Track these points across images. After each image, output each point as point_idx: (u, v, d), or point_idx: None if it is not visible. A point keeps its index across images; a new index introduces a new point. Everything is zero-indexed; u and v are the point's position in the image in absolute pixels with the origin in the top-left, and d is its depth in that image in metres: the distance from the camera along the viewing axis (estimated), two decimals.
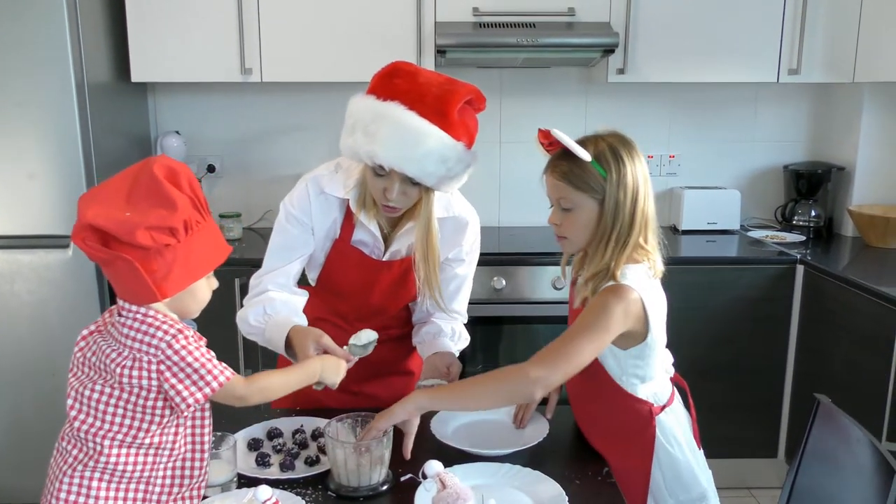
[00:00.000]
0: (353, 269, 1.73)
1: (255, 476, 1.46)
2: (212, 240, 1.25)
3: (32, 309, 2.75)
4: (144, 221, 1.15)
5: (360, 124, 1.49)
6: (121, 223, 1.15)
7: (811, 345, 2.85)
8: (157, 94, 3.34)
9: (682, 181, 3.46)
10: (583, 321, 1.43)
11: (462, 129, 1.51)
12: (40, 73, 2.61)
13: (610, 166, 1.44)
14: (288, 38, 2.95)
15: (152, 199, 1.18)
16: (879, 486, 1.34)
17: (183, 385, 1.21)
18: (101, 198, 1.20)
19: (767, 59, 3.03)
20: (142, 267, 1.17)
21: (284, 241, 1.70)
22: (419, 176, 1.50)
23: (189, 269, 1.22)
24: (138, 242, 1.16)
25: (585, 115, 3.39)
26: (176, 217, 1.18)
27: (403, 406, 1.43)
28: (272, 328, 1.64)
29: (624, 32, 2.96)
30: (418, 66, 1.55)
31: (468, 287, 1.83)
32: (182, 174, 1.22)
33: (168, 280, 1.20)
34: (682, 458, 1.54)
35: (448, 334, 1.79)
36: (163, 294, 1.20)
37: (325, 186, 1.67)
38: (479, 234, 1.80)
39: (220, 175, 3.39)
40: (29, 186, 2.68)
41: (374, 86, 1.52)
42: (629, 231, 1.46)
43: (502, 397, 1.47)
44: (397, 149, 1.46)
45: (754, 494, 3.04)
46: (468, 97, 1.52)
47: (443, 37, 2.87)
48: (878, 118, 3.17)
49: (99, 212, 1.17)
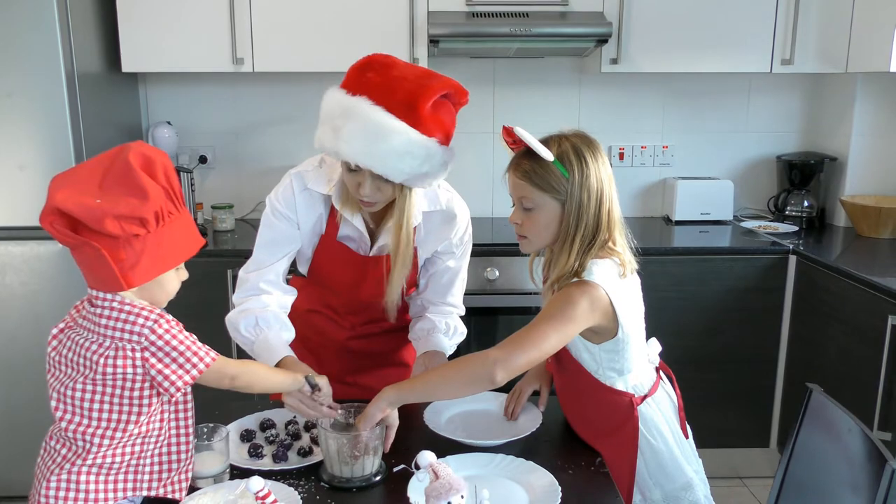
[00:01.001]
0: (341, 265, 1.72)
1: (247, 467, 1.46)
2: (184, 231, 1.24)
3: (24, 301, 2.74)
4: (114, 210, 1.14)
5: (329, 119, 1.47)
6: (90, 210, 1.13)
7: (803, 334, 2.86)
8: (149, 84, 3.31)
9: (675, 171, 3.46)
10: (547, 311, 1.43)
11: (434, 124, 1.46)
12: (30, 63, 2.59)
13: (573, 167, 1.42)
14: (280, 27, 2.94)
15: (124, 187, 1.16)
16: (871, 474, 1.35)
17: (170, 370, 1.20)
18: (72, 181, 1.18)
19: (760, 49, 3.03)
20: (109, 255, 1.16)
21: (272, 236, 1.69)
22: (385, 173, 1.47)
23: (158, 260, 1.21)
24: (107, 231, 1.14)
25: (579, 105, 3.38)
26: (147, 207, 1.16)
27: (376, 405, 1.43)
28: (262, 347, 1.63)
29: (617, 22, 2.96)
30: (396, 60, 1.50)
31: (462, 280, 1.82)
32: (157, 163, 1.20)
33: (136, 270, 1.18)
34: (665, 448, 1.54)
35: (442, 330, 1.78)
36: (129, 283, 1.19)
37: (309, 182, 1.65)
38: (469, 225, 1.78)
39: (212, 166, 3.37)
40: (19, 178, 2.67)
41: (347, 79, 1.50)
42: (594, 233, 1.45)
43: (466, 382, 1.45)
44: (360, 145, 1.43)
45: (746, 484, 3.06)
46: (444, 91, 1.47)
47: (435, 26, 2.85)
48: (870, 108, 3.17)
49: (68, 196, 1.15)
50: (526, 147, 1.44)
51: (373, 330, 1.84)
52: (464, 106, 1.55)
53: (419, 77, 1.47)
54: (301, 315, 1.80)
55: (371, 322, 1.83)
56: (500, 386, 1.42)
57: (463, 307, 1.85)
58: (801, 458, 1.61)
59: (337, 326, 1.84)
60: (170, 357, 1.20)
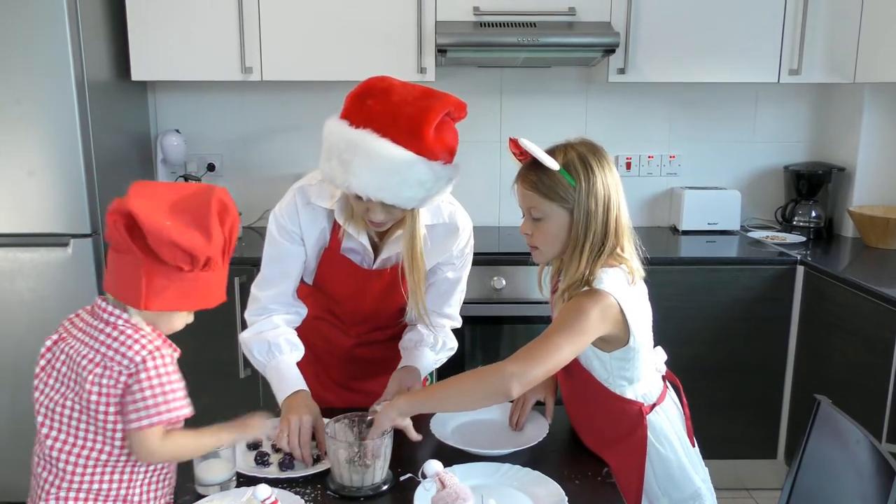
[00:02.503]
0: (344, 278, 1.72)
1: (254, 475, 1.46)
2: (216, 284, 1.26)
3: (32, 307, 2.75)
4: (177, 237, 1.16)
5: (335, 152, 1.46)
6: (157, 227, 1.16)
7: (811, 345, 2.85)
8: (158, 92, 3.33)
9: (682, 181, 3.46)
10: (560, 322, 1.42)
11: (440, 146, 1.46)
12: (40, 70, 2.60)
13: (579, 175, 1.43)
14: (288, 36, 2.95)
15: (195, 221, 1.19)
16: (880, 487, 1.34)
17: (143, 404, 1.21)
18: (151, 194, 1.21)
19: (768, 59, 3.02)
20: (145, 273, 1.18)
21: (278, 252, 1.70)
22: (398, 203, 1.47)
23: (183, 299, 1.23)
24: (160, 252, 1.16)
25: (586, 114, 3.39)
26: (205, 248, 1.19)
27: (387, 415, 1.43)
28: (273, 374, 1.67)
29: (625, 32, 2.96)
30: (393, 81, 1.49)
31: (461, 291, 1.81)
32: (230, 215, 1.23)
33: (160, 297, 1.20)
34: (674, 457, 1.54)
35: (429, 343, 1.77)
36: (146, 306, 1.20)
37: (312, 197, 1.66)
38: (471, 237, 1.77)
39: (220, 174, 3.38)
40: (29, 184, 2.68)
41: (347, 108, 1.48)
42: (603, 241, 1.45)
43: (480, 395, 1.45)
44: (371, 179, 1.43)
45: (753, 495, 3.04)
46: (445, 111, 1.46)
47: (443, 36, 2.86)
48: (878, 118, 3.16)
49: (145, 205, 1.17)
50: (533, 158, 1.44)
51: (378, 337, 1.84)
52: (462, 120, 1.53)
53: (418, 99, 1.45)
54: (308, 321, 1.80)
55: (376, 329, 1.83)
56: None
57: (459, 318, 1.84)
58: (810, 470, 1.60)
59: (342, 334, 1.84)
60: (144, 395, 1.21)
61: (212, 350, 2.74)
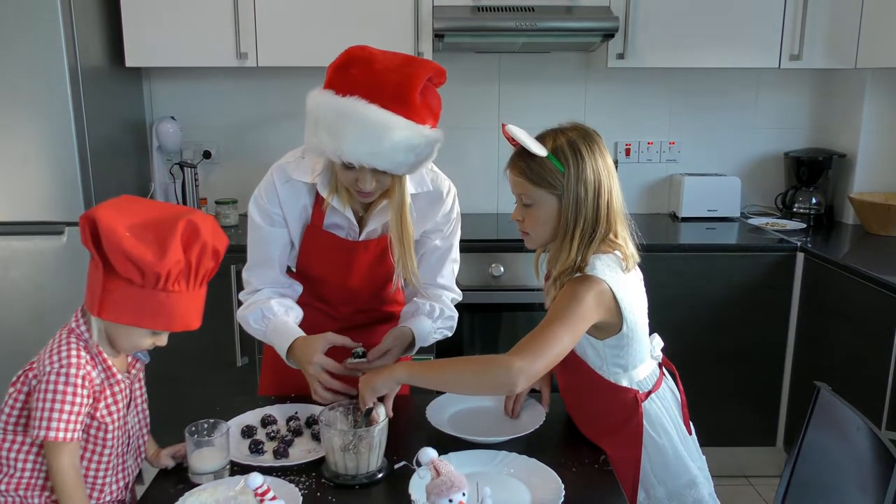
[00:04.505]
0: (329, 253, 1.72)
1: (248, 463, 1.44)
2: (181, 308, 1.26)
3: (28, 296, 2.74)
4: (129, 248, 1.18)
5: (323, 123, 1.48)
6: (114, 235, 1.19)
7: (811, 333, 2.83)
8: (153, 78, 3.31)
9: (682, 168, 3.44)
10: (556, 311, 1.41)
11: (426, 111, 1.48)
12: (33, 57, 2.58)
13: (567, 161, 1.42)
14: (284, 21, 2.92)
15: (156, 237, 1.21)
16: (879, 474, 1.33)
17: (37, 415, 1.25)
18: (128, 207, 1.25)
19: (769, 44, 3.00)
20: (103, 280, 1.22)
21: (261, 236, 1.71)
22: (390, 168, 1.49)
23: (136, 314, 1.24)
24: (112, 259, 1.20)
25: (585, 100, 3.36)
26: (156, 265, 1.20)
27: (384, 381, 1.44)
28: (272, 333, 1.68)
29: (624, 17, 2.93)
30: (373, 50, 1.50)
31: (452, 260, 1.81)
32: (200, 240, 1.24)
33: (113, 308, 1.23)
34: (670, 445, 1.53)
35: (426, 311, 1.76)
36: (98, 312, 1.24)
37: (292, 173, 1.67)
38: (455, 202, 1.78)
39: (217, 161, 3.36)
40: (23, 172, 2.66)
41: (331, 79, 1.50)
42: (594, 227, 1.44)
43: (484, 386, 1.45)
44: (364, 146, 1.45)
45: (752, 483, 3.04)
46: (428, 76, 1.49)
47: (441, 21, 2.84)
48: (880, 104, 3.14)
49: (110, 214, 1.21)
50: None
51: (364, 321, 1.84)
52: (442, 86, 1.56)
53: (401, 66, 1.48)
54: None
55: (361, 312, 1.83)
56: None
57: (457, 289, 1.83)
58: (809, 457, 1.59)
59: (328, 318, 1.83)
60: (39, 406, 1.24)
61: (209, 339, 2.73)
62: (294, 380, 1.70)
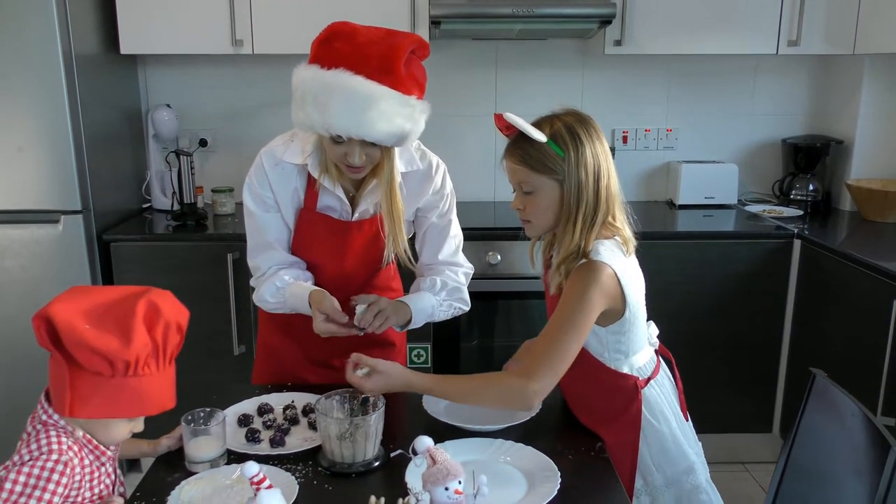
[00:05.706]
0: (323, 236, 1.73)
1: (244, 452, 1.45)
2: (156, 389, 1.22)
3: (23, 285, 2.73)
4: (92, 342, 1.14)
5: (310, 96, 1.48)
6: (73, 331, 1.14)
7: (807, 319, 2.84)
8: (148, 66, 3.29)
9: (679, 155, 3.43)
10: (563, 313, 1.41)
11: (411, 81, 1.49)
12: (26, 44, 2.56)
13: (567, 146, 1.42)
14: (279, 8, 2.90)
15: (117, 324, 1.17)
16: (875, 460, 1.33)
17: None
18: (79, 298, 1.20)
19: (767, 30, 2.98)
20: (69, 377, 1.17)
21: (256, 224, 1.72)
22: (379, 139, 1.50)
23: (112, 405, 1.20)
24: (76, 356, 1.15)
25: (582, 87, 3.35)
26: (122, 354, 1.15)
27: (391, 385, 1.45)
28: (292, 301, 1.69)
29: (621, 3, 2.91)
30: (355, 24, 1.52)
31: (453, 237, 1.81)
32: (163, 319, 1.20)
33: (86, 404, 1.18)
34: (668, 431, 1.53)
35: (426, 286, 1.77)
36: (71, 413, 1.19)
37: (283, 155, 1.67)
38: (446, 177, 1.78)
39: (213, 149, 3.35)
40: (18, 160, 2.65)
41: (316, 53, 1.51)
42: (595, 210, 1.45)
43: (499, 403, 1.49)
44: (351, 116, 1.46)
45: (749, 469, 3.05)
46: (412, 47, 1.50)
47: (437, 7, 2.82)
48: (878, 91, 3.13)
49: (64, 309, 1.16)
50: (519, 132, 1.44)
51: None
52: (427, 59, 1.57)
53: (383, 38, 1.50)
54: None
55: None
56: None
57: (466, 263, 1.84)
58: (805, 443, 1.59)
59: None
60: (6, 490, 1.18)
61: (206, 327, 2.72)
62: (287, 368, 1.70)
